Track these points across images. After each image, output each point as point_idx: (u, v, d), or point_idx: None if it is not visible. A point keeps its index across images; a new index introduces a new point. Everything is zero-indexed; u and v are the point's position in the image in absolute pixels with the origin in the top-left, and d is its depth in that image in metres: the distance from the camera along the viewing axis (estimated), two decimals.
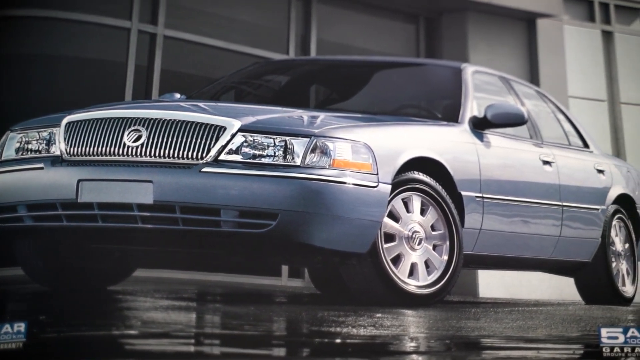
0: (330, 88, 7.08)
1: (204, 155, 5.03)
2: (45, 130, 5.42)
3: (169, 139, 5.09)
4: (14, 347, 3.51)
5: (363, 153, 5.16)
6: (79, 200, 5.14)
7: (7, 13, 9.14)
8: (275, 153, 5.02)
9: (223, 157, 5.02)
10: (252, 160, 5.01)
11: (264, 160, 5.01)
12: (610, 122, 12.97)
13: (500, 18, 11.97)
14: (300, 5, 10.88)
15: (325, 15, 11.04)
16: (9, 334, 3.55)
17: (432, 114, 6.44)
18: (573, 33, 12.85)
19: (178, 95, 6.48)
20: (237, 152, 5.03)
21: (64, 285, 5.77)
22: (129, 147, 5.13)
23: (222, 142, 5.04)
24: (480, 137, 6.13)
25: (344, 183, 5.04)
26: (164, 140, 5.09)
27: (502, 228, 6.15)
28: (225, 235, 5.01)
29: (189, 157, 5.04)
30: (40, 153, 5.39)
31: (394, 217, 5.39)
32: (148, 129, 5.14)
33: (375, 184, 5.16)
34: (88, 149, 5.22)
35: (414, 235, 5.43)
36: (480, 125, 6.17)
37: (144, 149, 5.10)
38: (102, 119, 5.26)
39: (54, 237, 5.48)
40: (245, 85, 7.07)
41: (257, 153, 5.03)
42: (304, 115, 5.52)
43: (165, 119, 5.14)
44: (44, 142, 5.40)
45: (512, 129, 6.45)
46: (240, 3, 10.60)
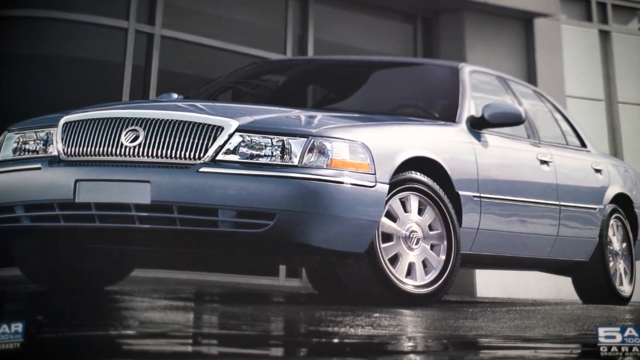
0: (328, 88, 7.08)
1: (202, 155, 5.03)
2: (43, 131, 5.42)
3: (167, 139, 5.09)
4: (12, 347, 3.51)
5: (360, 153, 5.16)
6: (77, 201, 5.13)
7: (4, 13, 9.13)
8: (273, 153, 5.02)
9: (220, 157, 5.02)
10: (249, 160, 5.01)
11: (262, 160, 5.01)
12: (608, 121, 12.98)
13: (498, 18, 11.98)
14: (298, 5, 10.88)
15: (323, 15, 11.04)
16: (7, 335, 3.55)
17: (429, 114, 6.44)
18: (570, 32, 12.86)
19: (175, 95, 6.48)
20: (234, 152, 5.03)
21: (62, 286, 5.76)
22: (127, 147, 5.13)
23: (219, 142, 5.04)
24: (478, 136, 6.13)
25: (342, 183, 5.04)
26: (162, 140, 5.09)
27: (499, 227, 6.15)
28: (223, 235, 5.01)
29: (187, 157, 5.04)
30: (38, 153, 5.39)
31: (392, 216, 5.39)
32: (145, 129, 5.14)
33: (373, 184, 5.16)
34: (85, 149, 5.22)
35: (412, 235, 5.43)
36: (478, 125, 6.17)
37: (142, 149, 5.10)
38: (99, 119, 5.26)
39: (52, 237, 5.48)
40: (243, 85, 7.06)
41: (254, 153, 5.03)
42: (302, 115, 5.52)
43: (163, 119, 5.14)
44: (42, 142, 5.40)
45: (509, 129, 6.45)
46: (238, 3, 10.61)
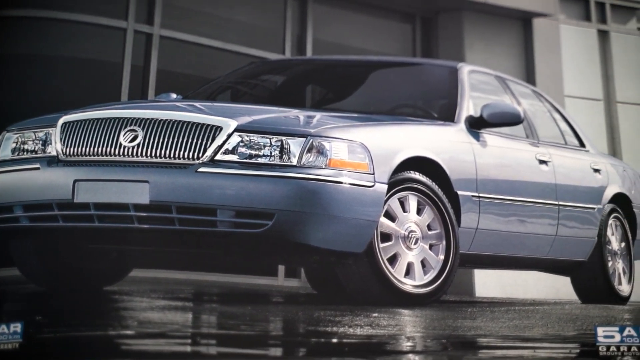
0: (327, 88, 7.08)
1: (200, 155, 5.03)
2: (42, 131, 5.42)
3: (165, 139, 5.09)
4: (11, 347, 3.51)
5: (359, 153, 5.16)
6: (75, 201, 5.13)
7: (3, 13, 9.13)
8: (272, 153, 5.02)
9: (219, 157, 5.02)
10: (248, 160, 5.01)
11: (260, 160, 5.01)
12: (607, 121, 12.98)
13: (497, 17, 11.98)
14: (296, 5, 10.88)
15: (321, 15, 11.04)
16: (5, 335, 3.55)
17: (428, 114, 6.44)
18: (569, 32, 12.86)
19: (174, 95, 6.48)
20: (233, 152, 5.03)
21: (61, 286, 5.76)
22: (125, 147, 5.13)
23: (218, 142, 5.04)
24: (477, 136, 6.13)
25: (340, 183, 5.04)
26: (160, 140, 5.09)
27: (498, 227, 6.15)
28: (222, 235, 5.01)
29: (185, 157, 5.04)
30: (37, 153, 5.39)
31: (390, 216, 5.39)
32: (144, 129, 5.14)
33: (372, 184, 5.16)
34: (84, 149, 5.22)
35: (411, 235, 5.43)
36: (477, 125, 6.17)
37: (140, 149, 5.10)
38: (98, 119, 5.25)
39: (51, 237, 5.48)
40: (242, 85, 7.06)
41: (253, 153, 5.03)
42: (300, 115, 5.52)
43: (162, 119, 5.14)
44: (40, 142, 5.39)
45: (508, 129, 6.45)
46: (236, 3, 10.60)
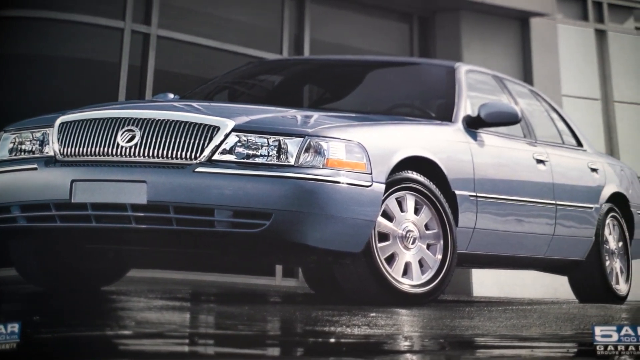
0: (324, 87, 7.08)
1: (198, 155, 5.03)
2: (39, 131, 5.42)
3: (163, 139, 5.09)
4: (8, 347, 3.51)
5: (357, 152, 5.16)
6: (73, 201, 5.13)
7: (3, 13, 9.13)
8: (269, 153, 5.02)
9: (217, 157, 5.02)
10: (245, 160, 5.01)
11: (258, 160, 5.01)
12: (604, 120, 12.99)
13: (494, 17, 11.98)
14: (294, 5, 10.88)
15: (319, 15, 11.04)
16: (3, 335, 3.55)
17: (425, 113, 6.44)
18: (566, 32, 12.87)
19: (171, 95, 6.48)
20: (230, 152, 5.03)
21: (58, 286, 5.76)
22: (123, 147, 5.13)
23: (215, 142, 5.04)
24: (474, 136, 6.13)
25: (338, 182, 5.04)
26: (158, 141, 5.09)
27: (495, 227, 6.15)
28: (219, 235, 5.01)
29: (183, 157, 5.04)
30: (34, 153, 5.39)
31: (388, 216, 5.39)
32: (142, 129, 5.13)
33: (369, 184, 5.17)
34: (81, 150, 5.22)
35: (408, 235, 5.43)
36: (474, 125, 6.17)
37: (138, 149, 5.10)
38: (95, 120, 5.25)
39: (48, 237, 5.48)
40: (239, 85, 7.06)
41: (250, 153, 5.03)
42: (298, 115, 5.52)
43: (159, 119, 5.14)
44: (38, 142, 5.39)
45: (505, 128, 6.45)
46: (234, 3, 10.60)
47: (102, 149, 5.16)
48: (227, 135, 5.05)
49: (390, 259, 5.36)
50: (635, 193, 7.84)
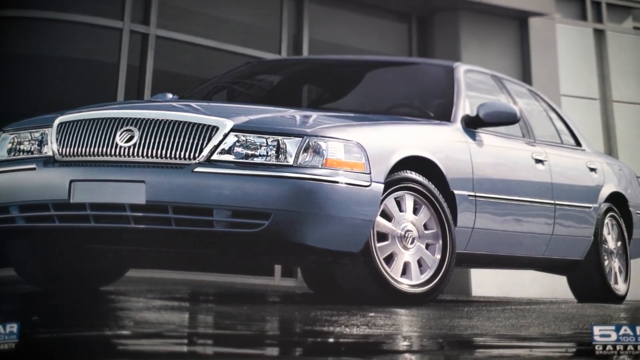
0: (323, 87, 7.08)
1: (197, 155, 5.03)
2: (38, 131, 5.41)
3: (162, 139, 5.08)
4: (7, 347, 3.51)
5: (355, 152, 5.16)
6: (72, 201, 5.13)
7: (3, 14, 9.13)
8: (268, 153, 5.02)
9: (215, 157, 5.02)
10: (244, 160, 5.01)
11: (257, 160, 5.01)
12: (603, 120, 12.99)
13: (493, 17, 11.98)
14: (293, 5, 10.88)
15: (318, 15, 11.04)
16: (2, 335, 3.55)
17: (424, 113, 6.44)
18: (565, 31, 12.87)
19: (170, 96, 6.48)
20: (229, 152, 5.03)
21: (57, 286, 5.76)
22: (122, 147, 5.12)
23: (214, 142, 5.04)
24: (473, 136, 6.14)
25: (337, 182, 5.04)
26: (157, 141, 5.09)
27: (494, 227, 6.15)
28: (218, 235, 5.01)
29: (182, 157, 5.04)
30: (33, 154, 5.38)
31: (387, 216, 5.39)
32: (140, 129, 5.13)
33: (368, 183, 5.17)
34: (80, 150, 5.21)
35: (407, 234, 5.43)
36: (473, 124, 6.17)
37: (137, 149, 5.10)
38: (94, 120, 5.25)
39: (47, 237, 5.48)
40: (238, 85, 7.06)
41: (249, 153, 5.03)
42: (297, 115, 5.52)
43: (158, 119, 5.14)
44: (36, 142, 5.39)
45: (504, 128, 6.45)
46: (233, 3, 10.60)
47: (100, 149, 5.16)
48: (225, 135, 5.05)
49: (389, 259, 5.36)
50: (634, 193, 7.84)
